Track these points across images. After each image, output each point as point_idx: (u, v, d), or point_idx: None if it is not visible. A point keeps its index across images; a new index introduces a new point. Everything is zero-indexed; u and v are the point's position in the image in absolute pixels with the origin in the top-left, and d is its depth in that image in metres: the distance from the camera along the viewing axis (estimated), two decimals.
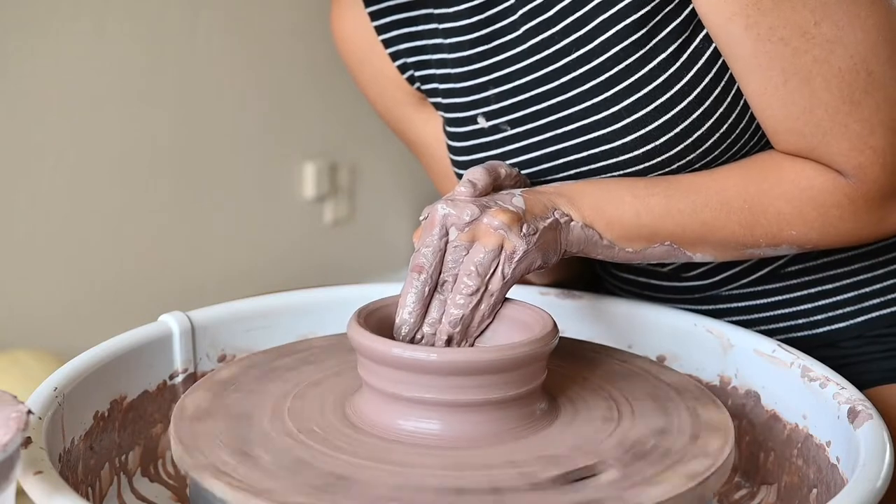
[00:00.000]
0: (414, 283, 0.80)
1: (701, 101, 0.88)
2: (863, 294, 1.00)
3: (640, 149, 0.89)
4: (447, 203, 0.81)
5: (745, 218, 0.88)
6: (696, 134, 0.88)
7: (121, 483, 0.87)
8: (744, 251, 0.90)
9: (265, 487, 0.68)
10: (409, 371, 0.73)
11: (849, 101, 0.84)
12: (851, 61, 0.83)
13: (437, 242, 0.81)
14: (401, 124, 1.10)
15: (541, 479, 0.69)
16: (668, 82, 0.88)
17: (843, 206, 0.87)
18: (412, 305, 0.80)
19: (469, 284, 0.80)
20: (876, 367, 1.01)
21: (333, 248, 2.55)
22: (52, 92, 1.97)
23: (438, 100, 1.02)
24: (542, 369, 0.77)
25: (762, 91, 0.85)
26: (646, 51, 0.87)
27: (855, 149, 0.85)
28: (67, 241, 2.04)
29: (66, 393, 0.80)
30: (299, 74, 2.41)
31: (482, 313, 0.81)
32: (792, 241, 0.89)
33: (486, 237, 0.80)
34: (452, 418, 0.74)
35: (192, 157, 2.23)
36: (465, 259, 0.80)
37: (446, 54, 0.99)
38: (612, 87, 0.89)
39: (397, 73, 1.05)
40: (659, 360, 0.96)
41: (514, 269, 0.81)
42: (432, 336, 0.80)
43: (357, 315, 0.78)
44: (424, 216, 0.83)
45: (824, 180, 0.87)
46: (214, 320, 0.95)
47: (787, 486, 0.88)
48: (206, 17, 2.20)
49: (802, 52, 0.83)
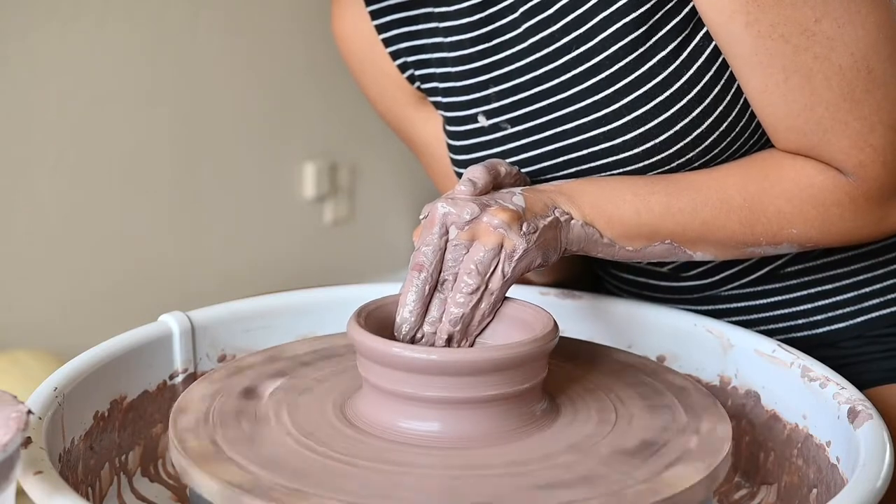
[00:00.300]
0: (414, 281, 0.80)
1: (701, 99, 0.88)
2: (863, 294, 1.00)
3: (640, 146, 0.89)
4: (447, 202, 0.81)
5: (745, 216, 0.88)
6: (696, 132, 0.88)
7: (121, 483, 0.87)
8: (744, 250, 0.90)
9: (264, 488, 0.68)
10: (409, 371, 0.73)
11: (849, 99, 0.84)
12: (852, 59, 0.83)
13: (437, 241, 0.81)
14: (401, 124, 1.10)
15: (541, 480, 0.69)
16: (668, 80, 0.88)
17: (843, 205, 0.87)
18: (412, 304, 0.80)
19: (469, 283, 0.80)
20: (876, 367, 1.01)
21: (333, 248, 2.55)
22: (52, 92, 1.97)
23: (438, 99, 1.02)
24: (543, 368, 0.77)
25: (762, 89, 0.85)
26: (645, 48, 0.88)
27: (855, 147, 0.85)
28: (67, 242, 2.04)
29: (66, 393, 0.80)
30: (299, 74, 2.41)
31: (482, 312, 0.81)
32: (792, 239, 0.89)
33: (486, 236, 0.80)
34: (453, 418, 0.74)
35: (192, 156, 2.23)
36: (465, 258, 0.80)
37: (446, 53, 0.99)
38: (612, 85, 0.89)
39: (397, 73, 1.05)
40: (659, 360, 0.96)
41: (514, 267, 0.81)
42: (433, 335, 0.80)
43: (357, 314, 0.78)
44: (424, 215, 0.83)
45: (825, 178, 0.87)
46: (214, 320, 0.95)
47: (787, 486, 0.88)
48: (206, 17, 2.20)
49: (803, 50, 0.83)
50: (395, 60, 1.04)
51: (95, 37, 2.02)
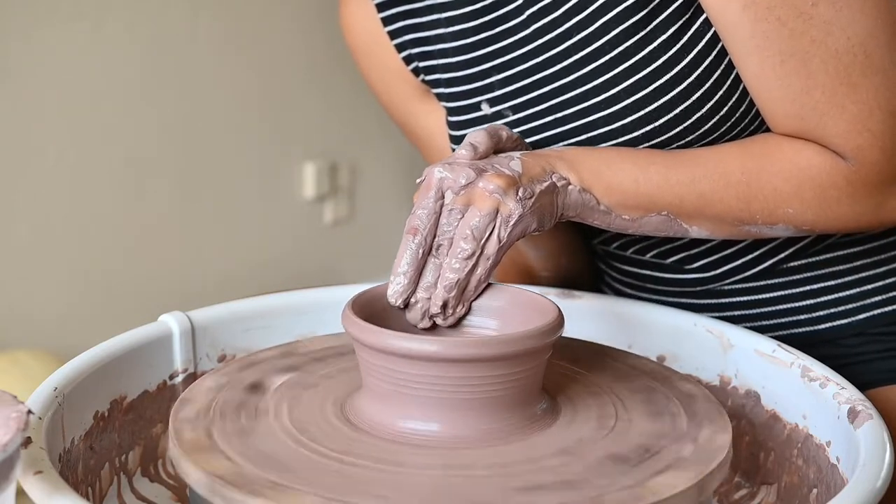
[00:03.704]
0: (409, 245, 0.80)
1: (701, 83, 0.88)
2: (865, 291, 1.00)
3: (640, 130, 0.90)
4: (444, 166, 0.81)
5: (742, 192, 0.88)
6: (696, 115, 0.89)
7: (121, 483, 0.87)
8: (741, 228, 0.90)
9: (246, 480, 0.68)
10: (407, 358, 0.72)
11: (846, 83, 0.84)
12: (849, 43, 0.83)
13: (432, 205, 0.81)
14: (404, 117, 1.10)
15: (521, 483, 0.69)
16: (669, 64, 0.88)
17: (840, 188, 0.87)
18: (406, 267, 0.80)
19: (465, 248, 0.80)
20: (876, 367, 1.01)
21: (333, 248, 2.55)
22: (52, 92, 1.97)
23: (441, 90, 1.02)
24: (547, 349, 0.76)
25: (759, 72, 0.86)
26: (646, 32, 0.88)
27: (853, 131, 0.85)
28: (67, 241, 2.04)
29: (66, 393, 0.80)
30: (299, 74, 2.41)
31: (479, 277, 0.81)
32: (788, 220, 0.89)
33: (482, 201, 0.80)
34: (452, 417, 0.73)
35: (192, 156, 2.23)
36: (460, 223, 0.80)
37: (449, 43, 0.99)
38: (613, 69, 0.90)
39: (402, 65, 1.05)
40: (659, 360, 0.96)
41: (510, 232, 0.81)
42: (427, 300, 0.80)
43: (351, 304, 0.77)
44: (422, 178, 0.83)
45: (823, 160, 0.87)
46: (214, 320, 0.95)
47: (787, 486, 0.88)
48: (205, 17, 2.20)
49: (800, 33, 0.83)
50: (400, 53, 1.04)
51: (95, 38, 2.02)
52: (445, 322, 0.81)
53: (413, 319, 0.81)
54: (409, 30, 1.03)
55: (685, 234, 0.90)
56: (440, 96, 1.03)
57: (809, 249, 1.00)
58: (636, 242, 1.03)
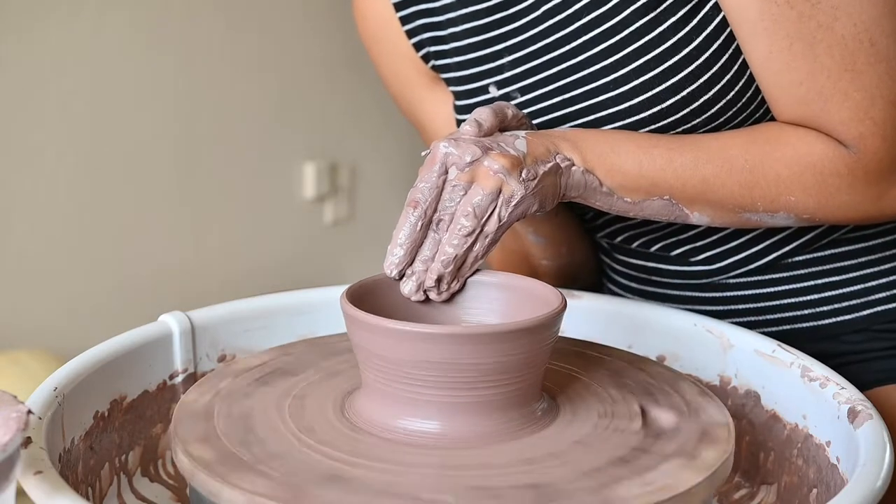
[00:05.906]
0: (409, 217, 0.81)
1: (709, 66, 0.89)
2: (869, 287, 1.01)
3: (647, 111, 0.91)
4: (450, 142, 0.82)
5: (745, 178, 0.88)
6: (703, 98, 0.90)
7: (121, 483, 0.87)
8: (741, 214, 0.90)
9: (262, 487, 0.68)
10: (404, 340, 0.72)
11: (851, 70, 0.85)
12: (855, 30, 0.84)
13: (435, 179, 0.81)
14: (412, 105, 1.11)
15: (539, 480, 0.69)
16: (677, 45, 0.89)
17: (842, 176, 0.88)
18: (404, 239, 0.81)
19: (466, 225, 0.80)
20: (877, 366, 1.01)
21: (333, 248, 2.55)
22: (52, 91, 1.97)
23: (451, 74, 1.03)
24: (551, 336, 0.75)
25: (767, 55, 0.86)
26: (656, 13, 0.89)
27: (855, 118, 0.86)
28: (68, 242, 2.04)
29: (66, 393, 0.80)
30: (300, 75, 2.41)
31: (476, 254, 0.81)
32: (790, 207, 0.89)
33: (486, 179, 0.81)
34: (452, 416, 0.73)
35: (193, 157, 2.23)
36: (462, 199, 0.81)
37: (460, 26, 1.00)
38: (623, 49, 0.91)
39: (413, 52, 1.06)
40: (659, 360, 0.96)
41: (510, 212, 0.81)
42: (423, 273, 0.81)
43: (347, 293, 0.77)
44: (427, 152, 0.83)
45: (825, 147, 0.88)
46: (214, 320, 0.95)
47: (787, 486, 0.88)
48: (206, 17, 2.20)
49: (807, 18, 0.84)
50: (411, 38, 1.05)
51: (95, 37, 2.02)
52: (439, 297, 0.81)
53: (407, 291, 0.81)
54: (421, 14, 1.04)
55: (686, 220, 0.91)
56: (449, 81, 1.04)
57: (814, 244, 1.00)
58: (642, 235, 1.04)
